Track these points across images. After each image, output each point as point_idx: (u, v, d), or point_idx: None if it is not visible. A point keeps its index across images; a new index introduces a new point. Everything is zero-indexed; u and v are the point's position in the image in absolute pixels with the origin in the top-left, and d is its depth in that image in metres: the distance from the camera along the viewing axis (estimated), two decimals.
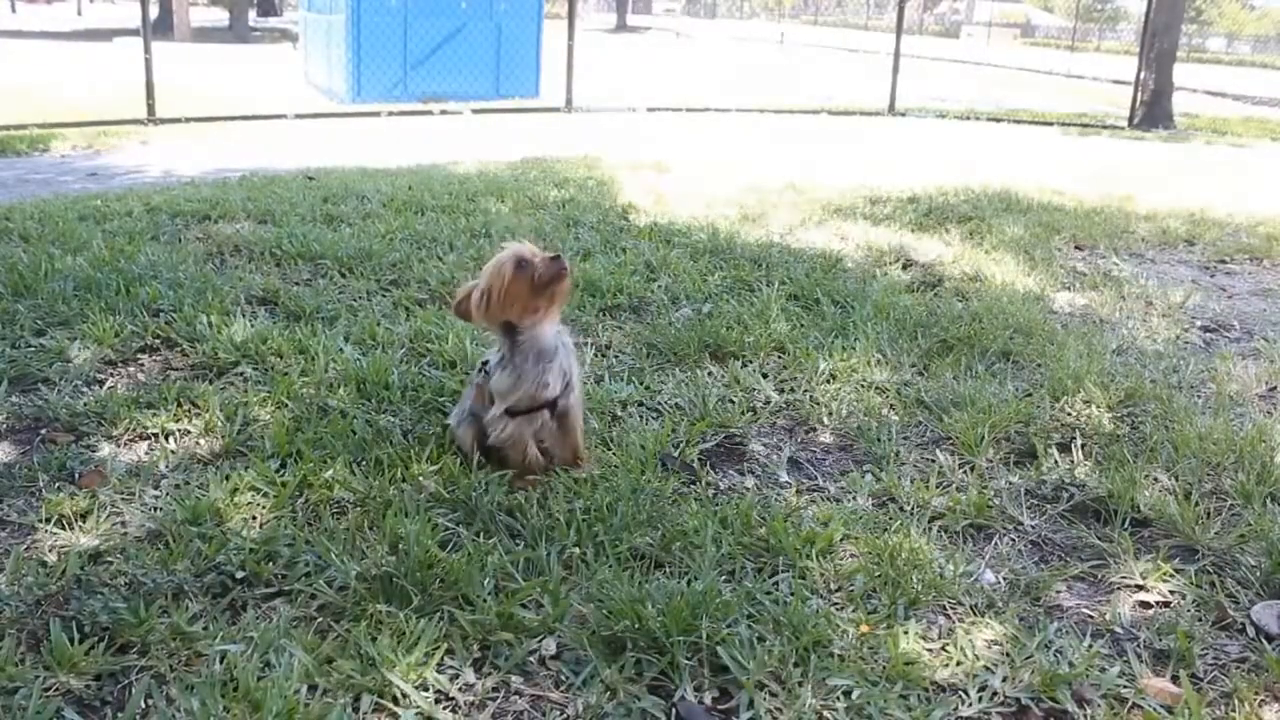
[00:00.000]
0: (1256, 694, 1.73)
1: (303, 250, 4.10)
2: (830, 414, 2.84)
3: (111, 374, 2.89)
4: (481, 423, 2.33)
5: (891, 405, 2.93)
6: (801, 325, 3.51)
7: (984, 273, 4.42)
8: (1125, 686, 1.74)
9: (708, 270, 4.16)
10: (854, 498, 2.38)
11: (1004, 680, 1.74)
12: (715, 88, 14.49)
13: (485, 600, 1.84)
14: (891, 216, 5.57)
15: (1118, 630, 1.92)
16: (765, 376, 3.08)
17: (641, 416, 2.75)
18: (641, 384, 2.96)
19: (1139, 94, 13.02)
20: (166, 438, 2.51)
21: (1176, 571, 2.10)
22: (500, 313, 2.16)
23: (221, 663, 1.66)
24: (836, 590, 1.98)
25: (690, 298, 3.80)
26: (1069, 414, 2.87)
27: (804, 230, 5.15)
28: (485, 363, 2.33)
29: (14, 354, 2.93)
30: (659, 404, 2.84)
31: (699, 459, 2.51)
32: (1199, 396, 3.11)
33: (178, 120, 9.10)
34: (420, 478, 2.29)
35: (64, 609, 1.79)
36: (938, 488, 2.43)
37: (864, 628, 1.84)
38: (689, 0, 72.06)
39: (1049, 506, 2.39)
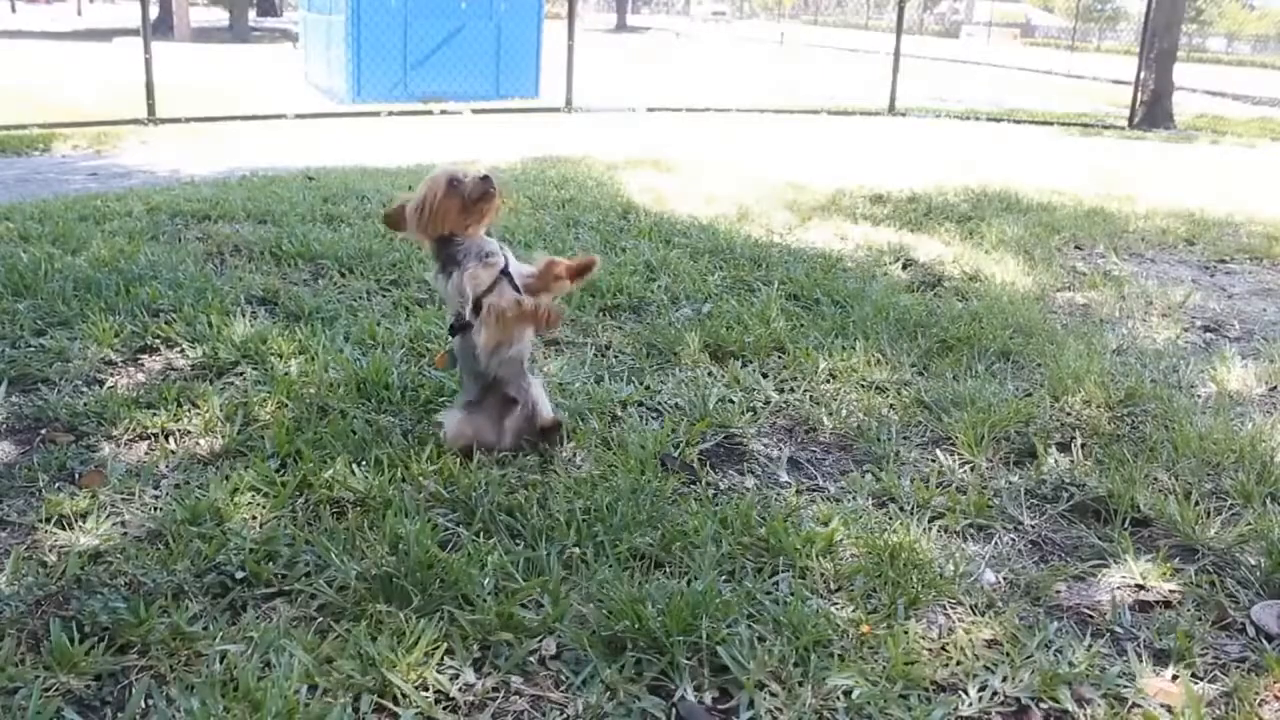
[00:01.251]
0: (1256, 694, 1.73)
1: (303, 250, 4.10)
2: (830, 414, 2.84)
3: (111, 374, 2.89)
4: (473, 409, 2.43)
5: (891, 405, 2.92)
6: (801, 325, 3.51)
7: (984, 272, 4.42)
8: (1125, 686, 1.74)
9: (708, 270, 4.16)
10: (854, 498, 2.38)
11: (1004, 680, 1.74)
12: (715, 88, 14.49)
13: (485, 600, 1.84)
14: (891, 216, 5.57)
15: (1118, 630, 1.92)
16: (765, 376, 3.08)
17: (641, 416, 2.76)
18: (641, 384, 2.96)
19: (1139, 94, 13.03)
20: (166, 438, 2.51)
21: (1176, 571, 2.10)
22: (432, 228, 2.30)
23: (221, 663, 1.66)
24: (836, 590, 1.98)
25: (690, 298, 3.80)
26: (1069, 414, 2.87)
27: (804, 230, 5.15)
28: (455, 319, 2.39)
29: (14, 354, 2.93)
30: (659, 404, 2.84)
31: (699, 459, 2.51)
32: (1199, 396, 3.11)
33: (178, 120, 9.10)
34: (420, 478, 2.29)
35: (64, 609, 1.79)
36: (938, 488, 2.43)
37: (864, 628, 1.84)
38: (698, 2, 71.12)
39: (1049, 506, 2.39)
